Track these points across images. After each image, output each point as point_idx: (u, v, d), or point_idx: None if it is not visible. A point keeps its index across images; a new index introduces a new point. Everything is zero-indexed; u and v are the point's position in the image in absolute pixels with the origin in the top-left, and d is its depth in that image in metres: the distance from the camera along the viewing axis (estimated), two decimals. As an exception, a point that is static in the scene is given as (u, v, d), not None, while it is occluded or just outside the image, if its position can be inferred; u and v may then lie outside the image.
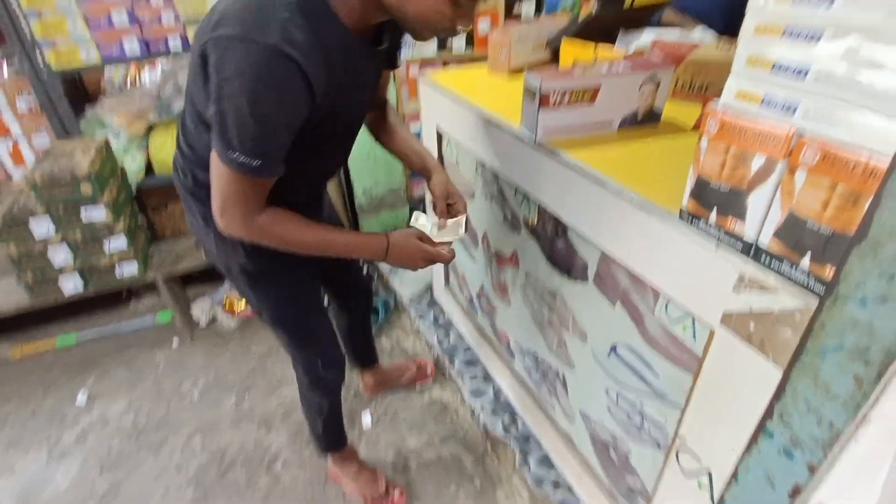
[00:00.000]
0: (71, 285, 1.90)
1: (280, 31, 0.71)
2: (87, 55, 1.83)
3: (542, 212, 1.14)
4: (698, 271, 0.74)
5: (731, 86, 0.61)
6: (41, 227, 1.76)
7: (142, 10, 1.83)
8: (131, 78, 2.57)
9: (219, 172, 0.81)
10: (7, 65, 1.92)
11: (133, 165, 2.08)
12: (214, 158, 0.80)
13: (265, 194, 0.85)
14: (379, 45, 0.91)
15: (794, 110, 0.55)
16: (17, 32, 1.74)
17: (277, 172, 0.82)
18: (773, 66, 0.55)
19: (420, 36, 0.83)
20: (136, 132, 2.09)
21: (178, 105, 2.06)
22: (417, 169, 1.15)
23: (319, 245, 0.93)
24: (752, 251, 0.65)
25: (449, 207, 1.12)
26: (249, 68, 0.71)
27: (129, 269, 1.96)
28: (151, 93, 2.15)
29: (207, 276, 2.27)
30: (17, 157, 2.01)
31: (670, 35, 1.30)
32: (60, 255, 1.83)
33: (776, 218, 0.61)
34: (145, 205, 2.22)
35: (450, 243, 1.07)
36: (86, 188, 1.75)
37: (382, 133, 1.17)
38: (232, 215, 0.84)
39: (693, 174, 0.70)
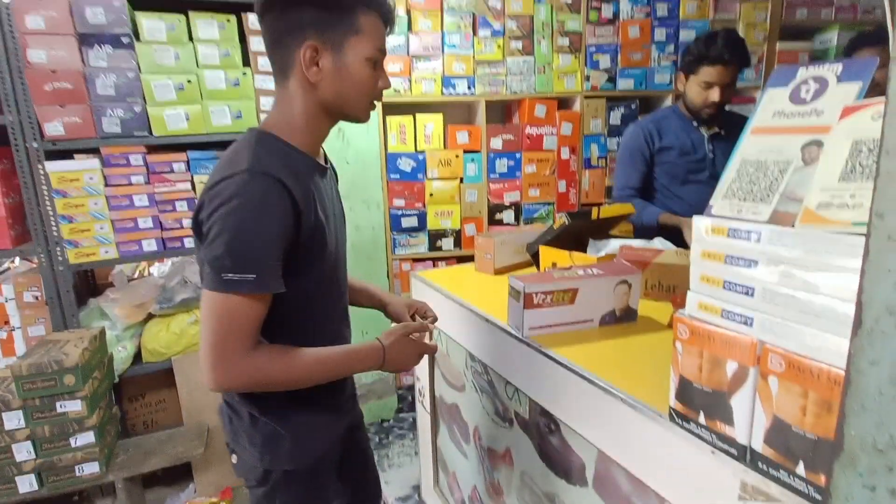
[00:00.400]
0: (27, 483, 1.72)
1: (250, 159, 0.81)
2: (106, 253, 1.98)
3: (532, 406, 1.14)
4: (699, 476, 0.72)
5: (692, 298, 0.69)
6: (11, 421, 1.67)
7: (167, 216, 2.05)
8: (141, 270, 2.73)
9: (210, 308, 0.79)
10: (22, 259, 2.06)
11: (122, 353, 2.07)
12: (205, 297, 0.80)
13: (259, 323, 0.83)
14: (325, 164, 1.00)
15: (751, 323, 0.61)
16: (46, 233, 1.91)
17: (273, 287, 0.82)
18: (724, 284, 0.64)
19: (360, 114, 0.92)
20: (133, 321, 2.14)
21: (181, 296, 2.16)
22: (372, 304, 1.20)
23: (319, 366, 0.89)
24: (747, 457, 0.65)
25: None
26: (234, 194, 0.78)
27: (89, 469, 1.80)
28: (157, 283, 2.27)
29: (171, 478, 2.08)
30: (6, 348, 2.00)
31: (635, 243, 1.48)
32: (23, 452, 1.70)
33: (763, 422, 0.63)
34: (123, 394, 2.15)
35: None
36: (69, 380, 1.71)
37: None
38: (227, 357, 0.80)
39: (675, 375, 0.74)
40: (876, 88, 0.56)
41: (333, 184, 1.06)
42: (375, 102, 0.94)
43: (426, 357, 1.44)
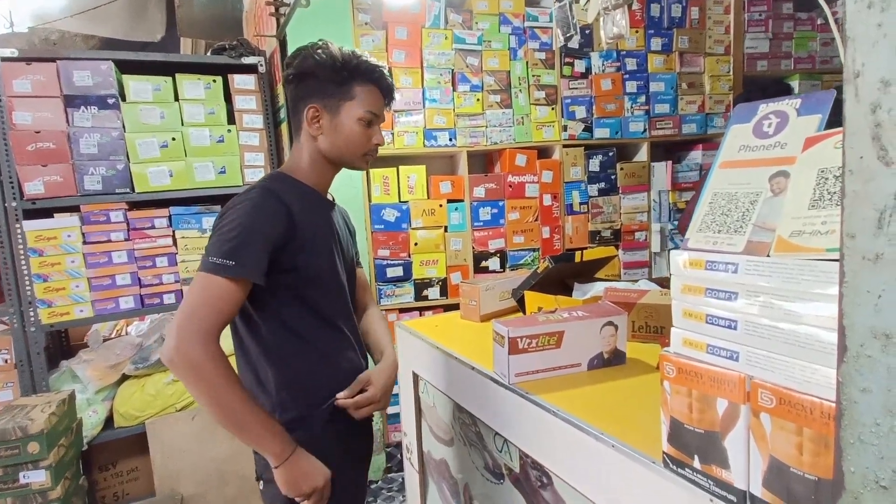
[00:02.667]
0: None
1: (262, 183, 1.02)
2: (80, 312, 1.92)
3: (523, 458, 1.08)
4: (699, 529, 0.67)
5: (676, 334, 0.67)
6: (-37, 497, 1.55)
7: (146, 272, 2.01)
8: (118, 329, 2.65)
9: (192, 285, 0.91)
10: (-4, 322, 1.99)
11: (92, 418, 1.97)
12: (192, 281, 0.92)
13: (230, 311, 0.92)
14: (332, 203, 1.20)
15: (737, 358, 0.59)
16: (20, 294, 1.85)
17: (251, 275, 0.92)
18: (706, 318, 0.62)
19: (355, 163, 1.11)
20: (106, 383, 2.05)
21: (157, 356, 2.08)
22: (371, 351, 1.33)
23: (239, 408, 0.92)
24: (747, 503, 0.61)
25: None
26: (238, 202, 0.96)
27: (49, 550, 1.65)
28: (133, 341, 2.20)
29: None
30: (-32, 415, 1.89)
31: (620, 284, 1.47)
32: (-28, 534, 1.56)
33: (759, 464, 0.59)
34: (92, 462, 2.02)
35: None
36: (33, 447, 1.61)
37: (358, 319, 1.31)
38: (190, 328, 0.88)
39: (665, 417, 0.71)
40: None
41: (343, 220, 1.24)
42: (372, 154, 1.13)
43: (413, 408, 1.45)
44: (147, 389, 2.03)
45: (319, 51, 1.06)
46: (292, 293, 1.04)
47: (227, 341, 1.33)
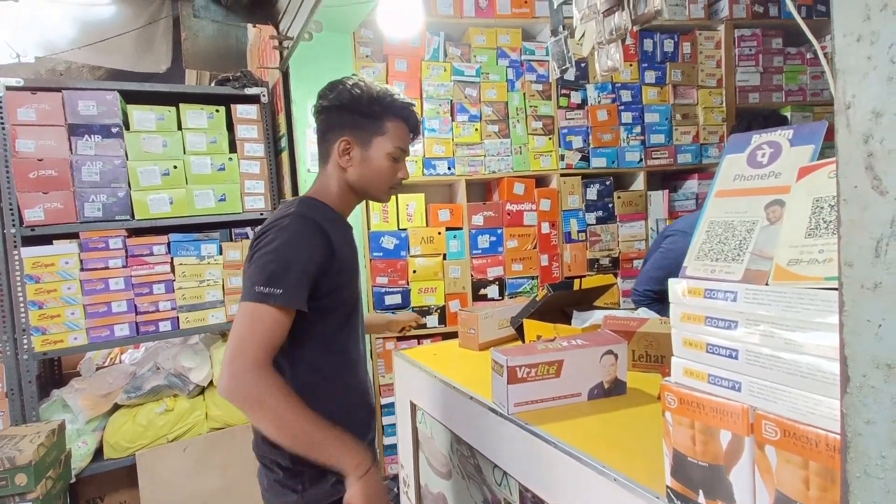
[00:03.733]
0: None
1: (298, 208, 1.03)
2: (74, 339, 1.90)
3: (523, 493, 1.05)
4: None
5: (677, 363, 0.67)
6: (-57, 533, 1.50)
7: (143, 299, 1.99)
8: (112, 357, 2.62)
9: (240, 316, 0.92)
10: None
11: (81, 449, 1.92)
12: (238, 309, 0.93)
13: (279, 339, 0.93)
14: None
15: (739, 388, 0.58)
16: (14, 321, 1.83)
17: (297, 304, 0.94)
18: (707, 347, 0.62)
19: (379, 196, 1.15)
20: (98, 413, 2.01)
21: (152, 384, 2.05)
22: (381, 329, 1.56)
23: (307, 423, 0.92)
24: (754, 540, 0.59)
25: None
26: (280, 229, 0.97)
27: (30, 590, 1.59)
28: (127, 370, 2.16)
29: None
30: (-46, 446, 1.84)
31: (619, 312, 1.46)
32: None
33: (766, 499, 0.58)
34: (79, 495, 1.96)
35: None
36: (20, 479, 1.56)
37: None
38: (244, 359, 0.89)
39: (668, 450, 0.69)
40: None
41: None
42: (396, 188, 1.17)
43: (410, 439, 1.44)
44: (138, 419, 1.99)
45: (355, 86, 1.10)
46: (328, 316, 1.06)
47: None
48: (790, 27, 3.01)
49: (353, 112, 1.09)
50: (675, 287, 0.66)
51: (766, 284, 0.56)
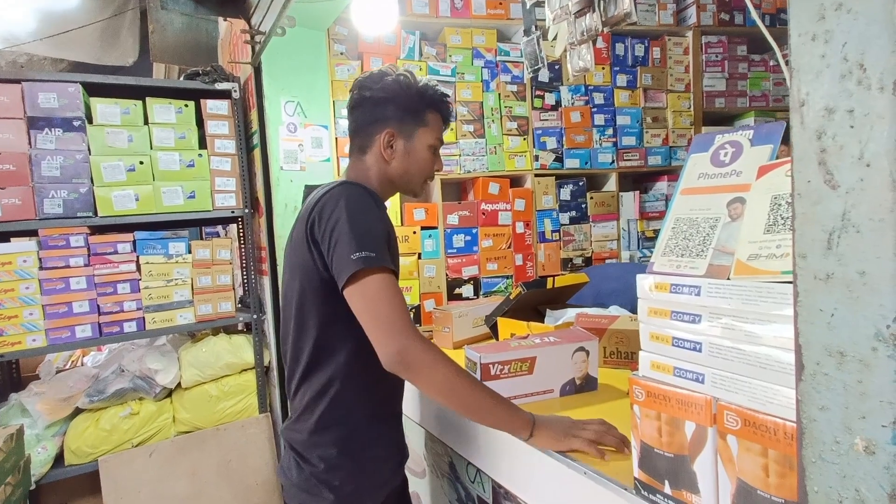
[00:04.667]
0: None
1: (343, 180, 1.02)
2: (33, 341, 1.82)
3: (496, 489, 1.05)
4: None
5: (644, 357, 0.68)
6: None
7: (106, 299, 1.93)
8: (74, 359, 2.52)
9: (360, 292, 0.87)
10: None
11: (41, 455, 1.84)
12: (351, 293, 0.88)
13: (404, 301, 0.90)
14: None
15: (703, 380, 0.60)
16: (-34, 322, 1.75)
17: (391, 265, 0.90)
18: (673, 341, 0.63)
19: (417, 189, 1.13)
20: (57, 417, 1.93)
21: (116, 387, 1.98)
22: None
23: (481, 391, 0.90)
24: (717, 528, 0.61)
25: None
26: (338, 199, 0.94)
27: None
28: (89, 373, 2.08)
29: None
30: None
31: (591, 310, 1.48)
32: None
33: (728, 487, 0.59)
34: (41, 502, 1.88)
35: None
36: (-30, 490, 1.49)
37: None
38: (401, 329, 0.86)
39: (636, 442, 0.70)
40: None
41: None
42: (431, 180, 1.15)
43: None
44: (101, 424, 1.92)
45: (403, 77, 1.08)
46: None
47: (246, 352, 1.25)
48: (754, 35, 3.11)
49: (398, 105, 1.07)
50: (643, 282, 0.68)
51: (728, 279, 0.58)
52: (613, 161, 2.86)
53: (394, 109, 1.07)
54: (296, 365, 1.02)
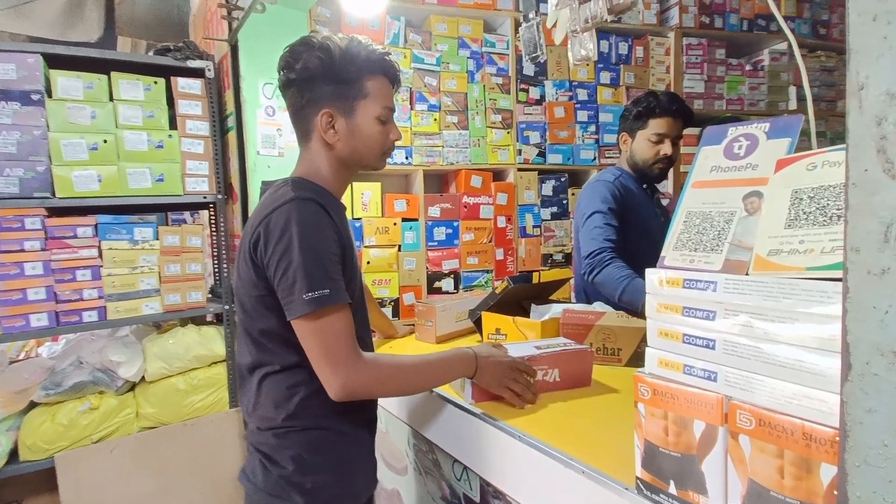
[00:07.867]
0: None
1: (293, 191, 0.92)
2: (-19, 330, 1.69)
3: (484, 487, 1.03)
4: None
5: (651, 354, 0.66)
6: None
7: (64, 286, 1.81)
8: (28, 350, 2.37)
9: (308, 331, 0.87)
10: None
11: (-9, 453, 1.72)
12: (299, 326, 0.87)
13: (353, 328, 0.90)
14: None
15: (715, 378, 0.58)
16: None
17: (344, 297, 0.89)
18: (683, 338, 0.61)
19: (374, 164, 1.03)
20: (11, 411, 1.81)
21: (74, 380, 1.86)
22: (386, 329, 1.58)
23: (424, 366, 0.97)
24: (724, 529, 0.59)
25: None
26: (288, 222, 0.87)
27: None
28: (45, 364, 1.96)
29: None
30: None
31: (577, 305, 1.47)
32: None
33: (738, 488, 0.58)
34: (-11, 505, 1.76)
35: None
36: None
37: None
38: (343, 361, 0.87)
39: (639, 440, 0.68)
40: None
41: None
42: (390, 152, 1.06)
43: None
44: (58, 419, 1.80)
45: (322, 49, 0.94)
46: None
47: (216, 345, 1.20)
48: (733, 39, 3.17)
49: (328, 80, 0.95)
50: (652, 277, 0.65)
51: (747, 274, 0.56)
52: (595, 158, 2.87)
53: (323, 86, 0.95)
54: (256, 364, 0.98)
